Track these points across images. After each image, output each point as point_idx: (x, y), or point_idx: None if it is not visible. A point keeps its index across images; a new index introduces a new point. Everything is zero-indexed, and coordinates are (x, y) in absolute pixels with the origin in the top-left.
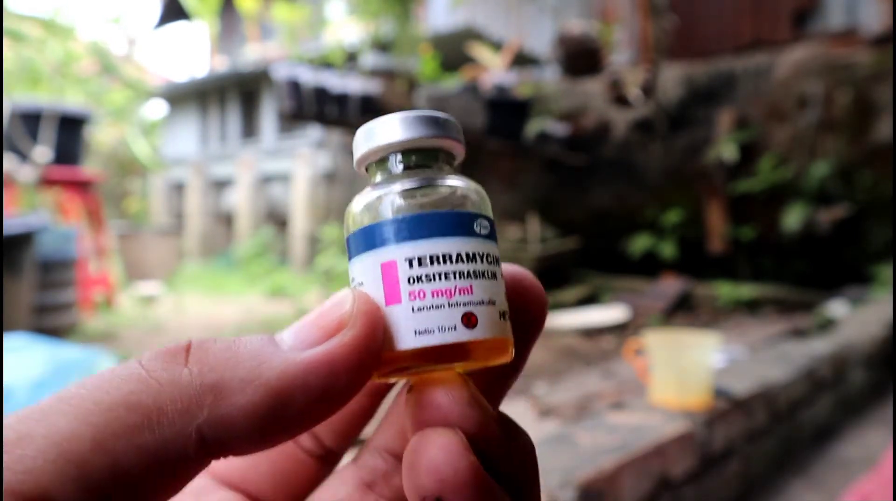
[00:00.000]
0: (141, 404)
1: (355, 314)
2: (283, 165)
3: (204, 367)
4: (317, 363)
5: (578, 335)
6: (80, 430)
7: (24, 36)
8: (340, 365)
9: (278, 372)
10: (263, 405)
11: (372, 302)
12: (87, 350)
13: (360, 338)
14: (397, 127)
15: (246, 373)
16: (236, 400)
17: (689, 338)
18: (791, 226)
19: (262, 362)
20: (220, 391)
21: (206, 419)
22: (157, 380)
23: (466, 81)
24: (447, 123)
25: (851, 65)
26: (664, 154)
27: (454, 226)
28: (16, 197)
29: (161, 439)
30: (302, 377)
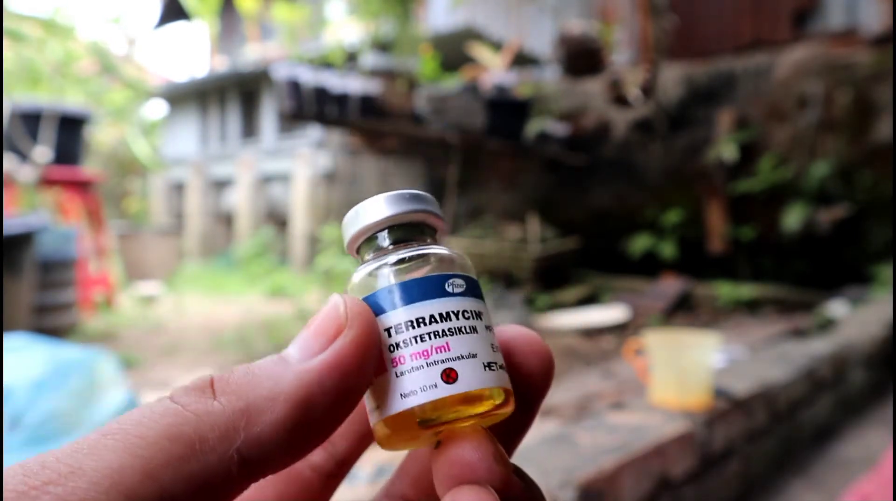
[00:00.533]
0: (183, 435)
1: (350, 316)
2: (283, 165)
3: (231, 396)
4: (328, 366)
5: (578, 335)
6: (128, 462)
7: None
8: (349, 362)
9: (296, 384)
10: (290, 416)
11: (362, 303)
12: (87, 350)
13: (360, 336)
14: (378, 207)
15: (268, 392)
16: (266, 418)
17: (689, 338)
18: (791, 226)
19: (278, 379)
20: (250, 414)
21: (244, 440)
22: (193, 413)
23: (466, 81)
24: (424, 198)
25: (851, 65)
26: (664, 154)
27: (424, 291)
28: (16, 197)
29: (206, 465)
30: (318, 382)
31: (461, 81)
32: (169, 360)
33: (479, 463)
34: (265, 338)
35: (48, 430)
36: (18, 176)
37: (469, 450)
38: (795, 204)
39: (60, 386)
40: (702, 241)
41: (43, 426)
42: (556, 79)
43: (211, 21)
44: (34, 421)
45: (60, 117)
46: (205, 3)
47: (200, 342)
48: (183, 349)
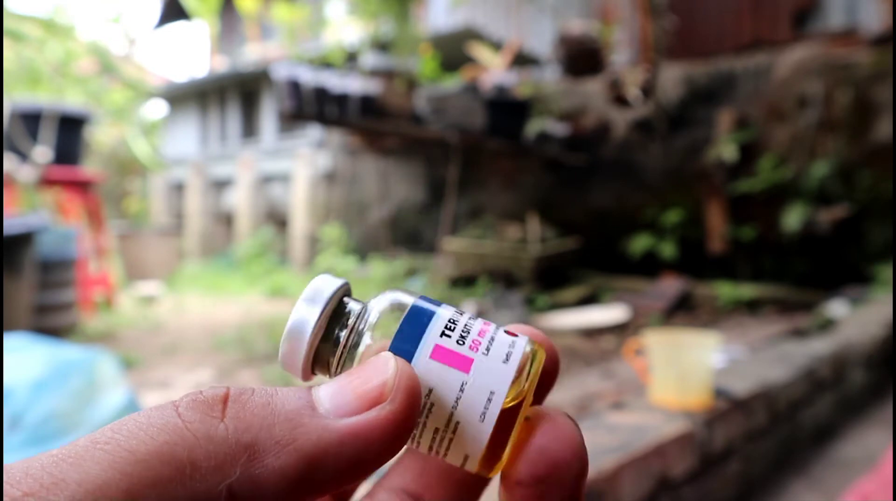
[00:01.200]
0: (175, 457)
1: (397, 387)
2: (283, 165)
3: (240, 424)
4: (353, 435)
5: (578, 335)
6: (113, 479)
7: (24, 36)
8: (375, 439)
9: (314, 439)
10: (295, 469)
11: (413, 374)
12: (87, 350)
13: (398, 414)
14: (310, 309)
15: (281, 436)
16: (269, 463)
17: (689, 338)
18: (791, 226)
19: (298, 425)
20: (255, 452)
21: (238, 478)
22: (192, 433)
23: (466, 81)
24: (320, 288)
25: (851, 65)
26: (664, 154)
27: (418, 320)
28: (16, 197)
29: (191, 494)
30: (336, 446)
31: (461, 81)
32: (169, 360)
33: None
34: (265, 338)
35: (48, 430)
36: (18, 176)
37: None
38: (795, 204)
39: (60, 386)
40: (702, 241)
41: (43, 426)
42: (556, 79)
43: (211, 21)
44: (34, 421)
45: (60, 117)
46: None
47: (200, 342)
48: (183, 349)
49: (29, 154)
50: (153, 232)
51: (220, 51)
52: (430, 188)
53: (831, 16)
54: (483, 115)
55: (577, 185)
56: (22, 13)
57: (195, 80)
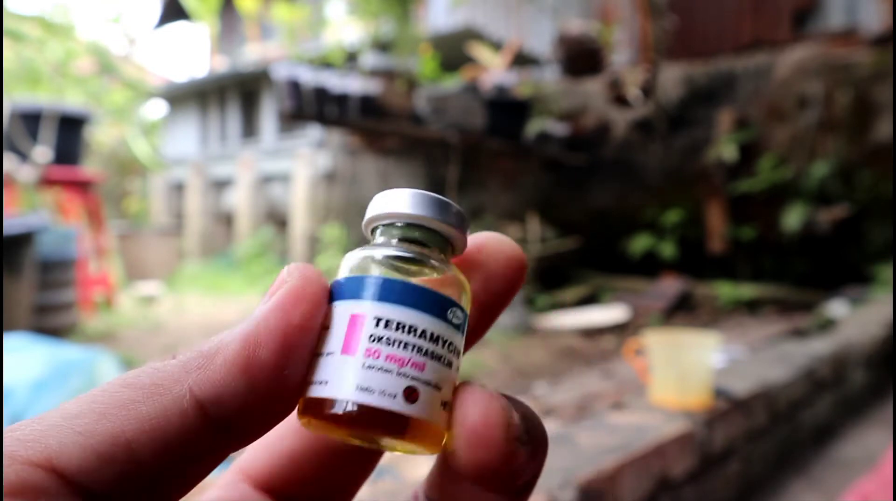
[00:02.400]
0: (139, 382)
1: (291, 270)
2: (283, 165)
3: (187, 352)
4: (270, 309)
5: (578, 335)
6: (86, 407)
7: (24, 36)
8: (289, 304)
9: (242, 327)
10: (239, 354)
11: (307, 265)
12: (87, 350)
13: (300, 281)
14: (412, 201)
15: (219, 340)
16: (217, 358)
17: (689, 338)
18: (791, 226)
19: (230, 332)
20: (203, 358)
21: (195, 379)
22: (151, 367)
23: (466, 81)
24: (459, 214)
25: (851, 65)
26: (664, 154)
27: (431, 304)
28: (16, 197)
29: (159, 406)
30: (263, 322)
31: (461, 81)
32: None
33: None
34: None
35: None
36: (18, 176)
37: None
38: (795, 204)
39: (60, 386)
40: (702, 241)
41: None
42: (556, 79)
43: (211, 21)
44: None
45: (60, 117)
46: (205, 3)
47: (200, 342)
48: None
49: (29, 154)
50: (153, 232)
51: (220, 51)
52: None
53: (831, 16)
54: (483, 115)
55: (577, 185)
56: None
57: (195, 80)
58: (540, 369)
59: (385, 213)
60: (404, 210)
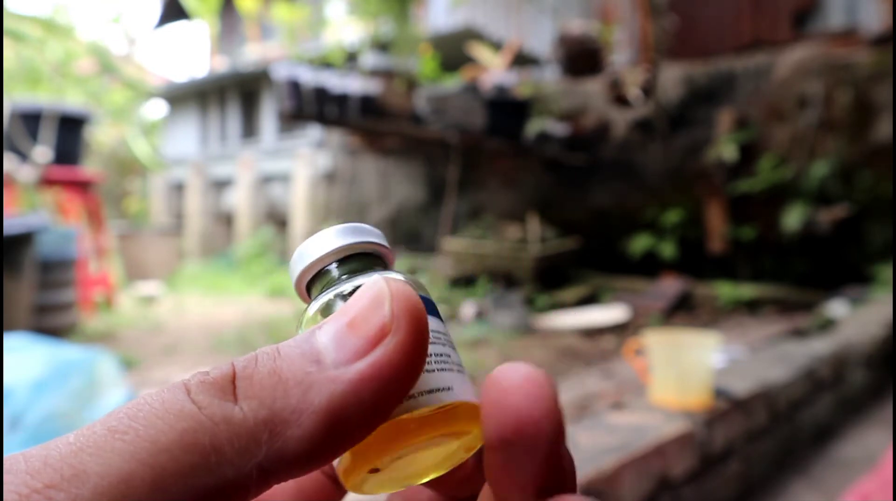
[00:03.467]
0: (198, 444)
1: (397, 313)
2: (283, 165)
3: (253, 402)
4: (365, 380)
5: (578, 335)
6: (137, 471)
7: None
8: (389, 376)
9: (328, 397)
10: (318, 432)
11: (412, 295)
12: (87, 350)
13: (406, 344)
14: (329, 239)
15: (297, 402)
16: (292, 433)
17: (689, 338)
18: (791, 226)
19: (309, 386)
20: (275, 426)
21: (265, 455)
22: (210, 419)
23: (466, 81)
24: (367, 230)
25: (851, 65)
26: (664, 154)
27: (434, 308)
28: (16, 197)
29: (222, 479)
30: (353, 396)
31: (461, 81)
32: (169, 360)
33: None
34: (265, 338)
35: (48, 430)
36: (18, 176)
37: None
38: (795, 204)
39: (60, 386)
40: (702, 241)
41: (43, 426)
42: (556, 79)
43: (211, 21)
44: (34, 421)
45: (60, 117)
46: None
47: (200, 342)
48: (183, 349)
49: (29, 154)
50: (153, 232)
51: (220, 51)
52: (430, 188)
53: (831, 16)
54: (483, 115)
55: (577, 185)
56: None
57: (195, 80)
58: (540, 369)
59: (312, 262)
60: (327, 250)
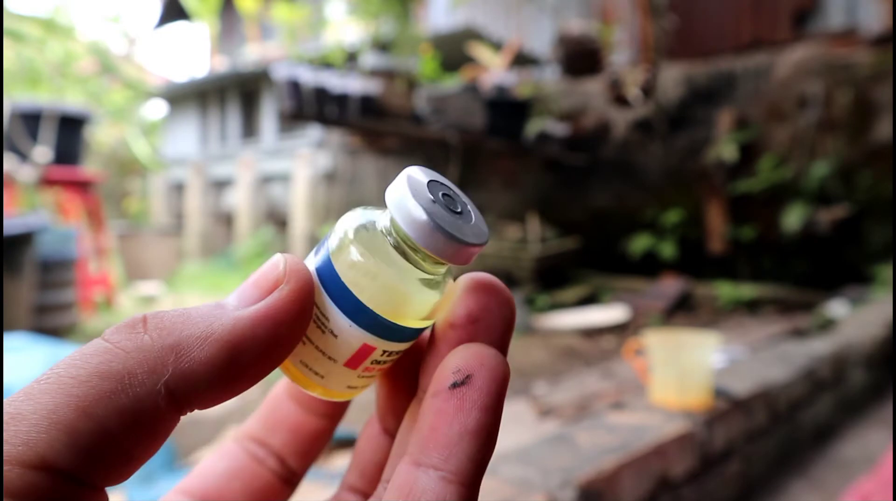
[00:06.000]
0: (113, 371)
1: (288, 273)
2: (283, 165)
3: (162, 331)
4: (261, 316)
5: (578, 335)
6: (62, 401)
7: (24, 36)
8: (281, 316)
9: (229, 327)
10: (219, 357)
11: (302, 263)
12: None
13: (294, 292)
14: (479, 229)
15: (200, 332)
16: (195, 355)
17: (689, 338)
18: (791, 226)
19: (212, 321)
20: (180, 350)
21: (171, 375)
22: (122, 349)
23: (466, 81)
24: (471, 233)
25: (851, 65)
26: (664, 154)
27: (415, 335)
28: (16, 197)
29: (135, 399)
30: (250, 329)
31: (461, 81)
32: None
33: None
34: None
35: None
36: (18, 176)
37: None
38: (795, 204)
39: None
40: (702, 241)
41: None
42: (556, 79)
43: (211, 21)
44: None
45: (60, 117)
46: (205, 3)
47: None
48: None
49: (29, 154)
50: (153, 232)
51: (220, 51)
52: None
53: (831, 16)
54: (483, 115)
55: (577, 185)
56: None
57: (195, 80)
58: (540, 369)
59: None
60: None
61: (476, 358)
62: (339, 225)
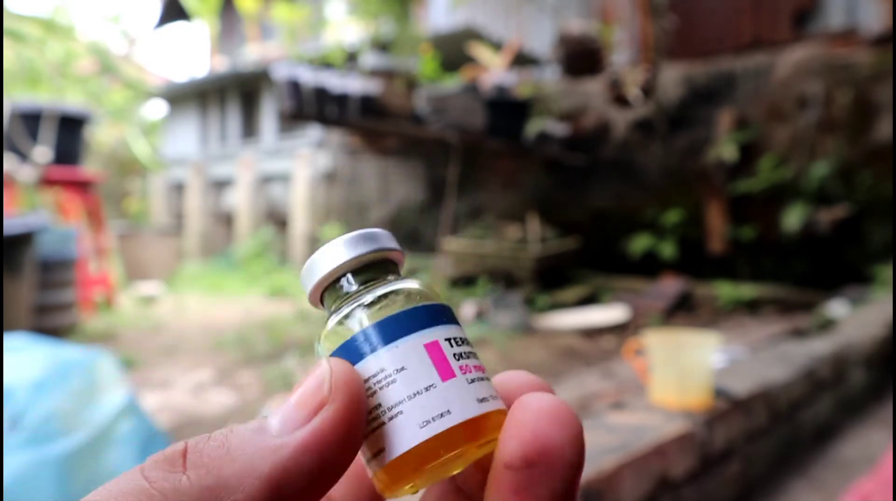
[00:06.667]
0: None
1: (334, 386)
2: (283, 165)
3: (200, 470)
4: (305, 444)
5: (578, 335)
6: None
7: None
8: (328, 441)
9: (271, 462)
10: (261, 496)
11: (350, 369)
12: (87, 350)
13: (342, 410)
14: (341, 249)
15: (241, 468)
16: (237, 498)
17: (689, 338)
18: (791, 226)
19: (253, 455)
20: (219, 491)
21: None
22: (159, 491)
23: (466, 81)
24: (378, 236)
25: (851, 65)
26: (664, 154)
27: (405, 326)
28: (16, 197)
29: None
30: (293, 462)
31: (461, 81)
32: (169, 360)
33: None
34: (265, 338)
35: (48, 430)
36: (18, 176)
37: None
38: (795, 204)
39: (60, 386)
40: (702, 241)
41: (43, 427)
42: (556, 79)
43: (211, 21)
44: (34, 421)
45: (60, 117)
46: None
47: (200, 342)
48: (183, 349)
49: (29, 154)
50: (153, 232)
51: (220, 51)
52: (430, 188)
53: (831, 16)
54: (483, 115)
55: (577, 185)
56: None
57: (195, 80)
58: (540, 369)
59: (323, 276)
60: (337, 263)
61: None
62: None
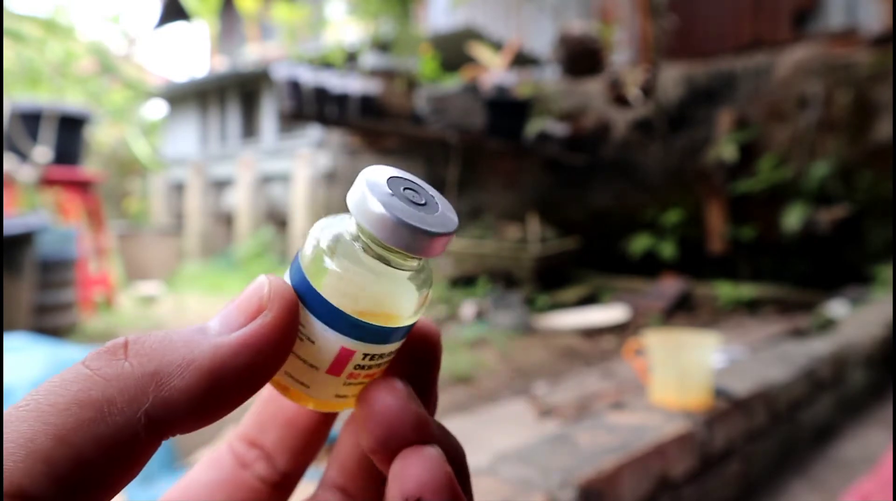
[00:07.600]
0: (91, 399)
1: (272, 298)
2: (283, 165)
3: (143, 358)
4: (243, 344)
5: (578, 335)
6: (41, 430)
7: (24, 36)
8: (262, 344)
9: (209, 355)
10: (199, 385)
11: (287, 287)
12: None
13: (277, 319)
14: (446, 219)
15: (180, 359)
16: (175, 384)
17: (689, 338)
18: (791, 226)
19: (193, 347)
20: (160, 378)
21: (151, 403)
22: (102, 376)
23: (466, 81)
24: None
25: (851, 65)
26: (664, 154)
27: (399, 336)
28: (16, 197)
29: (114, 427)
30: (231, 357)
31: (461, 81)
32: None
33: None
34: None
35: None
36: (18, 176)
37: (388, 398)
38: (795, 204)
39: None
40: (702, 241)
41: None
42: (556, 79)
43: (211, 21)
44: None
45: (60, 117)
46: (205, 3)
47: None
48: None
49: (29, 154)
50: (153, 232)
51: (220, 51)
52: None
53: (831, 16)
54: (483, 115)
55: (577, 185)
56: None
57: (195, 80)
58: (540, 369)
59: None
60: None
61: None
62: (311, 233)
